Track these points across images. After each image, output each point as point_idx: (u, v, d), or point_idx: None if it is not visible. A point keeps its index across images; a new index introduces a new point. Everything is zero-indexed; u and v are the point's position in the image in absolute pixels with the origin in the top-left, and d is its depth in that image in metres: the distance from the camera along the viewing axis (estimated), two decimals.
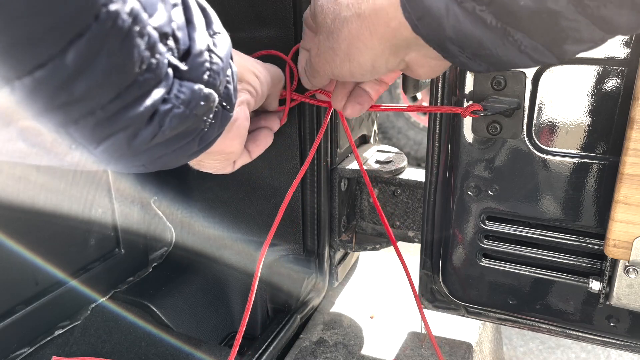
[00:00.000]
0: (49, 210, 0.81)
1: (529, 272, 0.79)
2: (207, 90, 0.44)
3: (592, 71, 0.66)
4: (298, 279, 0.98)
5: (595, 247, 0.73)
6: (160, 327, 0.89)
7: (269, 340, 0.87)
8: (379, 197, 0.99)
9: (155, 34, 0.36)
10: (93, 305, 0.90)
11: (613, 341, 0.79)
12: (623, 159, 0.62)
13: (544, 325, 0.82)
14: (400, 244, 1.02)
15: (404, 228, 0.98)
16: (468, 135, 0.75)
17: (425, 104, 3.25)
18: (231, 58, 0.49)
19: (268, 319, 0.99)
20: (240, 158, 0.71)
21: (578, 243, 0.74)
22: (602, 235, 0.71)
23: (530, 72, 0.68)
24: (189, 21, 0.42)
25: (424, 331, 0.95)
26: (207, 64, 0.44)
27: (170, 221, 1.05)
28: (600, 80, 0.66)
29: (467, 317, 0.88)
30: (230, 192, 1.01)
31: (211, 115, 0.47)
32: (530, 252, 0.78)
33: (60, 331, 0.84)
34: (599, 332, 0.79)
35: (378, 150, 1.03)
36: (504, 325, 0.86)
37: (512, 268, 0.80)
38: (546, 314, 0.80)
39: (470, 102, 0.72)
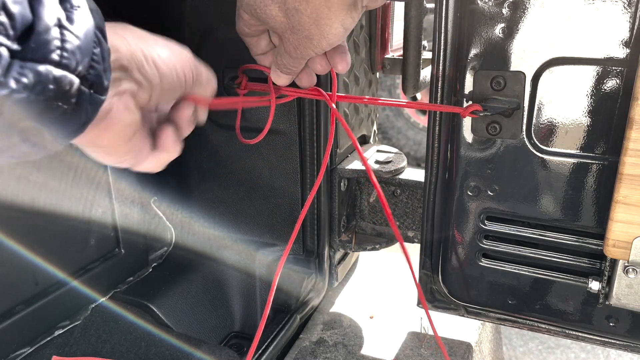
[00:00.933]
0: (49, 210, 0.81)
1: (529, 272, 0.79)
2: (58, 71, 0.39)
3: (592, 71, 0.66)
4: (298, 279, 0.98)
5: (594, 247, 0.73)
6: (160, 327, 0.89)
7: (269, 340, 0.87)
8: (379, 197, 0.99)
9: None
10: (93, 306, 0.90)
11: (612, 341, 0.79)
12: (622, 159, 0.62)
13: (543, 325, 0.82)
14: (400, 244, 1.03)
15: (403, 228, 0.98)
16: (468, 135, 0.75)
17: None
18: (104, 36, 0.45)
19: (268, 319, 0.99)
20: (145, 158, 0.62)
21: (577, 243, 0.74)
22: (601, 235, 0.71)
23: (530, 73, 0.68)
24: None
25: (423, 331, 0.95)
26: (57, 42, 0.39)
27: (170, 221, 1.05)
28: (600, 80, 0.66)
29: (467, 317, 0.88)
30: (230, 192, 1.01)
31: (73, 100, 0.41)
32: (530, 252, 0.78)
33: (60, 331, 0.84)
34: (599, 332, 0.79)
35: (378, 151, 1.03)
36: (504, 325, 0.86)
37: (511, 268, 0.80)
38: (546, 314, 0.80)
39: (470, 102, 0.72)
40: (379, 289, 1.09)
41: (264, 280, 1.00)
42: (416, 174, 0.96)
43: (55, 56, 0.38)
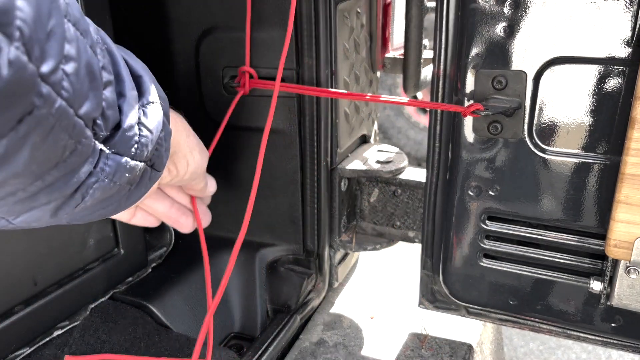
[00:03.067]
0: None
1: (530, 272, 0.79)
2: (133, 162, 0.45)
3: (594, 71, 0.66)
4: (298, 279, 0.98)
5: (596, 247, 0.73)
6: (160, 327, 0.89)
7: (269, 340, 0.87)
8: (379, 197, 0.99)
9: (81, 122, 0.37)
10: (92, 306, 0.90)
11: (614, 342, 0.79)
12: (624, 158, 0.62)
13: (544, 326, 0.82)
14: (400, 245, 1.02)
15: (404, 228, 0.98)
16: (469, 135, 0.74)
17: None
18: (167, 120, 0.51)
19: (267, 320, 0.99)
20: (135, 217, 0.77)
21: (579, 243, 0.74)
22: (603, 236, 0.70)
23: (531, 72, 0.68)
24: (120, 95, 0.43)
25: (424, 332, 0.95)
26: (136, 138, 0.45)
27: None
28: (602, 79, 0.66)
29: (468, 317, 0.88)
30: (230, 192, 1.01)
31: (137, 180, 0.48)
32: (531, 252, 0.78)
33: (59, 332, 0.84)
34: (600, 332, 0.78)
35: (378, 150, 1.03)
36: (505, 325, 0.86)
37: (512, 268, 0.79)
38: (547, 315, 0.80)
39: (471, 102, 0.72)
40: (379, 290, 1.09)
41: (264, 280, 1.00)
42: (417, 174, 0.95)
43: (133, 150, 0.45)
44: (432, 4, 0.95)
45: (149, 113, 0.46)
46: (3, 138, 0.31)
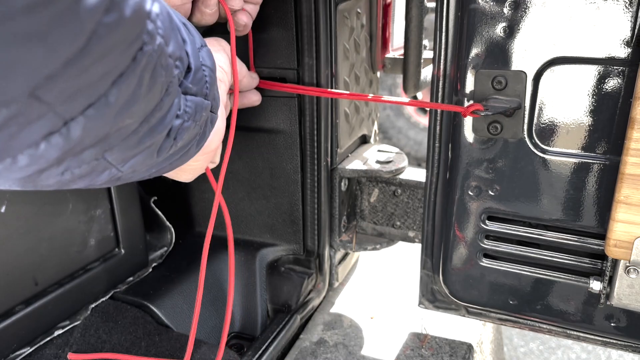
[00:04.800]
0: (49, 210, 0.81)
1: (530, 272, 0.79)
2: (206, 102, 0.48)
3: (593, 71, 0.66)
4: (298, 279, 0.98)
5: (596, 247, 0.73)
6: (160, 327, 0.89)
7: (269, 340, 0.87)
8: (379, 197, 0.99)
9: (171, 61, 0.40)
10: (93, 306, 0.90)
11: (614, 341, 0.79)
12: (624, 158, 0.62)
13: (544, 326, 0.82)
14: (400, 244, 1.02)
15: (404, 228, 0.98)
16: (469, 135, 0.74)
17: None
18: (213, 63, 0.52)
19: (268, 319, 0.99)
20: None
21: (579, 243, 0.74)
22: (602, 235, 0.70)
23: (531, 72, 0.68)
24: (184, 40, 0.44)
25: (424, 331, 0.95)
26: (204, 78, 0.47)
27: (169, 221, 1.05)
28: (601, 80, 0.66)
29: (468, 317, 0.88)
30: (230, 192, 1.01)
31: (206, 122, 0.50)
32: (531, 252, 0.78)
33: (60, 331, 0.84)
34: (600, 332, 0.78)
35: (378, 150, 1.03)
36: (505, 325, 0.86)
37: (512, 268, 0.80)
38: (547, 314, 0.80)
39: (471, 102, 0.72)
40: (379, 289, 1.09)
41: (265, 280, 1.00)
42: (417, 174, 0.95)
43: (204, 90, 0.47)
44: (432, 5, 0.95)
45: (205, 55, 0.49)
46: (122, 76, 0.33)
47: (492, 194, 0.76)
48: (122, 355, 0.80)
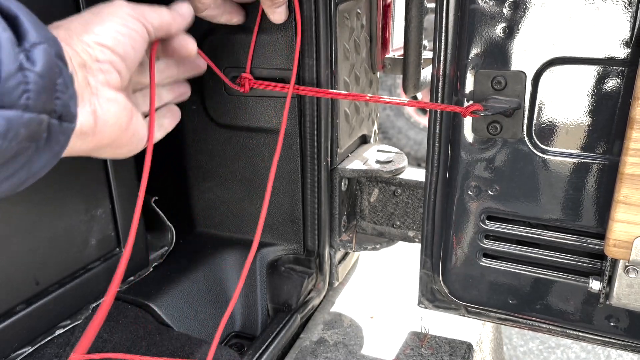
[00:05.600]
0: (50, 209, 0.81)
1: (529, 271, 0.79)
2: (27, 115, 0.39)
3: (593, 71, 0.66)
4: (298, 278, 0.98)
5: (595, 246, 0.73)
6: (161, 326, 0.89)
7: (269, 340, 0.87)
8: (379, 197, 0.99)
9: None
10: (94, 305, 0.90)
11: (613, 341, 0.79)
12: (623, 158, 0.62)
13: (544, 325, 0.82)
14: (400, 244, 1.03)
15: (404, 228, 0.98)
16: (468, 135, 0.75)
17: None
18: (63, 62, 0.44)
19: (268, 319, 0.99)
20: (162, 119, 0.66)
21: (578, 243, 0.74)
22: (602, 235, 0.71)
23: (530, 72, 0.68)
24: None
25: (424, 331, 0.95)
26: (22, 86, 0.38)
27: (170, 221, 1.05)
28: (601, 80, 0.66)
29: (468, 316, 0.88)
30: (230, 192, 1.01)
31: (44, 135, 0.42)
32: (531, 251, 0.78)
33: (61, 331, 0.84)
34: (599, 332, 0.79)
35: (378, 150, 1.03)
36: (504, 325, 0.86)
37: (512, 268, 0.80)
38: (546, 314, 0.80)
39: (471, 102, 0.72)
40: (379, 289, 1.09)
41: (265, 280, 1.00)
42: (417, 174, 0.96)
43: (22, 100, 0.38)
44: (432, 5, 0.95)
45: (34, 57, 0.40)
46: None
47: (492, 193, 0.76)
48: (127, 355, 0.80)
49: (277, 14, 0.75)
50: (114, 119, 0.54)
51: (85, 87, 0.50)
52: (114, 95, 0.54)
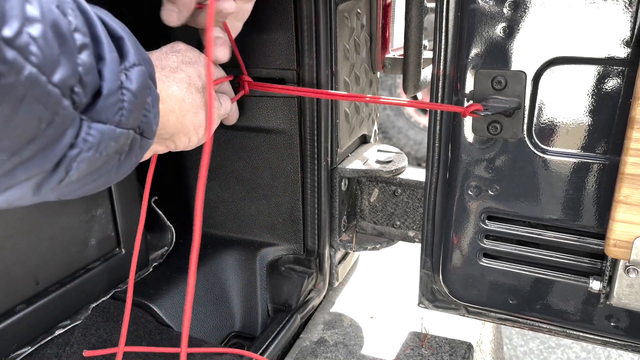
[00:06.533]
0: (50, 209, 0.81)
1: (530, 271, 0.79)
2: (119, 130, 0.42)
3: (593, 71, 0.66)
4: (298, 278, 0.98)
5: (595, 246, 0.73)
6: (161, 326, 0.89)
7: (270, 339, 0.87)
8: (379, 197, 0.99)
9: (57, 91, 0.34)
10: (93, 305, 0.90)
11: (613, 341, 0.79)
12: (623, 158, 0.62)
13: (544, 325, 0.82)
14: (400, 244, 1.03)
15: (404, 228, 0.98)
16: (468, 135, 0.75)
17: None
18: (154, 82, 0.48)
19: (268, 319, 0.99)
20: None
21: (578, 243, 0.74)
22: (602, 235, 0.71)
23: (530, 72, 0.68)
24: (100, 58, 0.40)
25: (424, 331, 0.95)
26: (119, 104, 0.41)
27: (170, 221, 1.05)
28: (601, 80, 0.66)
29: (468, 316, 0.88)
30: (230, 192, 1.01)
31: (126, 149, 0.45)
32: (531, 251, 0.78)
33: (61, 331, 0.84)
34: (600, 331, 0.78)
35: (378, 150, 1.03)
36: (505, 325, 0.86)
37: (512, 268, 0.80)
38: (546, 314, 0.80)
39: (471, 102, 0.72)
40: (379, 289, 1.09)
41: (265, 280, 1.00)
42: (417, 174, 0.96)
43: (117, 117, 0.41)
44: (432, 5, 0.95)
45: (132, 76, 0.43)
46: None
47: (492, 193, 0.76)
48: (136, 348, 0.80)
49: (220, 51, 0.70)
50: (180, 120, 0.59)
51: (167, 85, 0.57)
52: (190, 89, 0.61)
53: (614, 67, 0.65)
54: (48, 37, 0.32)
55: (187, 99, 0.60)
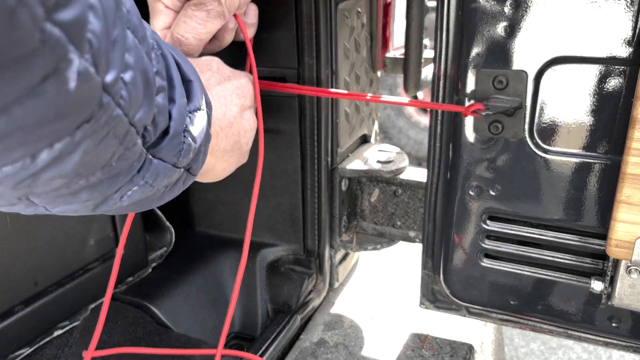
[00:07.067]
0: None
1: (531, 272, 0.78)
2: (174, 169, 0.45)
3: (595, 70, 0.66)
4: (298, 279, 0.98)
5: (597, 247, 0.73)
6: (160, 327, 0.89)
7: (269, 340, 0.87)
8: (379, 197, 0.99)
9: (134, 129, 0.36)
10: (92, 306, 0.90)
11: (615, 342, 0.78)
12: (625, 158, 0.62)
13: (545, 326, 0.82)
14: (401, 244, 1.02)
15: (405, 228, 0.98)
16: (469, 134, 0.74)
17: None
18: (209, 124, 0.50)
19: (268, 320, 0.99)
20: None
21: (580, 243, 0.74)
22: (604, 235, 0.70)
23: (532, 72, 0.68)
24: (171, 100, 0.42)
25: (425, 332, 0.95)
26: (180, 146, 0.44)
27: (169, 221, 1.05)
28: (603, 79, 0.66)
29: (469, 317, 0.87)
30: (230, 192, 1.01)
31: (172, 183, 0.47)
32: (532, 252, 0.78)
33: (60, 332, 0.84)
34: (601, 332, 0.78)
35: (379, 150, 1.03)
36: (506, 325, 0.86)
37: (513, 268, 0.79)
38: (548, 315, 0.80)
39: (472, 102, 0.72)
40: (380, 290, 1.09)
41: (265, 280, 1.00)
42: (417, 174, 0.95)
43: (175, 157, 0.44)
44: (433, 4, 0.94)
45: (196, 120, 0.46)
46: (58, 142, 0.30)
47: (493, 193, 0.76)
48: (136, 348, 0.80)
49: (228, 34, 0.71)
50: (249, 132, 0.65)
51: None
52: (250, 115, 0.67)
53: (616, 67, 0.65)
54: (137, 82, 0.34)
55: (235, 150, 0.64)
